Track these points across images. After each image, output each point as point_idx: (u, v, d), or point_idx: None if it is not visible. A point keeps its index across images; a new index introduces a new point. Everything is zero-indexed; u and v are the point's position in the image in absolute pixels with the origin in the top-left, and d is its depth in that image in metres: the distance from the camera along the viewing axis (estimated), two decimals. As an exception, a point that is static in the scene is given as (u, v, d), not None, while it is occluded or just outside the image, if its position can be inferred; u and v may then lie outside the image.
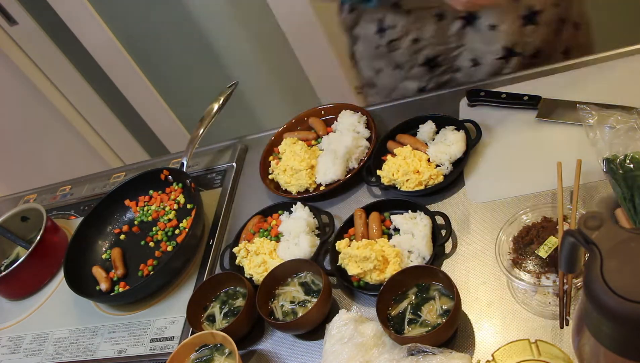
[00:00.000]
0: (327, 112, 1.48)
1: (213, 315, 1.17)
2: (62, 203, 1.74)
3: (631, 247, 0.60)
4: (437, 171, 1.19)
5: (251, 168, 1.51)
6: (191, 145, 1.50)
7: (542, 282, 0.93)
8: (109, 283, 1.36)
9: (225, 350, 1.08)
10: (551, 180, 1.06)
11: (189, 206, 1.45)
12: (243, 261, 1.23)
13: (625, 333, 0.59)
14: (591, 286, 0.59)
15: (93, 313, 1.36)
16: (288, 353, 1.09)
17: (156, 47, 2.80)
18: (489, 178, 1.17)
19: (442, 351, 0.90)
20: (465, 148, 1.20)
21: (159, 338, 1.23)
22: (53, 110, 2.98)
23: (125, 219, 1.52)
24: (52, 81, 2.93)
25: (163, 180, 1.51)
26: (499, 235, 1.01)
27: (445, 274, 0.97)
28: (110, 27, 2.68)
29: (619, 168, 0.97)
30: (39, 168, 3.09)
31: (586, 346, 0.69)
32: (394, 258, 1.08)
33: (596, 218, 0.62)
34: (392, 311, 1.01)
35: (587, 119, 1.06)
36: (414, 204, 1.16)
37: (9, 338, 1.42)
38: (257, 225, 1.30)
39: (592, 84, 1.21)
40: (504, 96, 1.26)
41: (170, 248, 1.38)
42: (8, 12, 2.68)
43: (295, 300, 1.11)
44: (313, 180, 1.33)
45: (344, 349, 0.96)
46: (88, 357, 1.28)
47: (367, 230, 1.16)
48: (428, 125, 1.27)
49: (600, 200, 1.02)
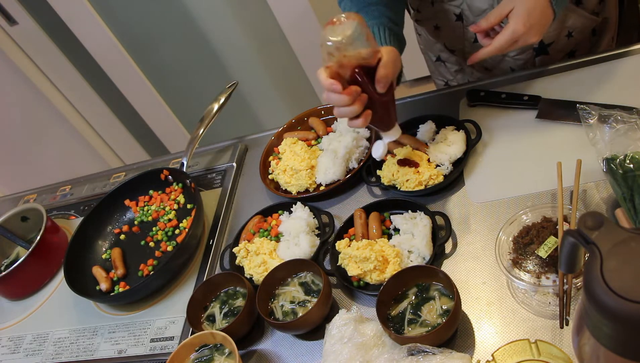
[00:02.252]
0: (327, 112, 1.48)
1: (213, 315, 1.17)
2: (62, 203, 1.74)
3: (631, 247, 0.60)
4: (437, 171, 1.19)
5: (251, 168, 1.51)
6: (191, 145, 1.50)
7: (542, 282, 0.94)
8: (109, 283, 1.36)
9: (225, 350, 1.08)
10: (551, 180, 1.06)
11: (189, 206, 1.45)
12: (243, 261, 1.23)
13: (625, 333, 0.59)
14: (591, 286, 0.59)
15: (93, 313, 1.36)
16: (288, 353, 1.09)
17: (156, 47, 2.80)
18: (489, 178, 1.17)
19: (442, 351, 0.90)
20: (465, 148, 1.20)
21: (159, 338, 1.23)
22: (53, 110, 2.98)
23: (125, 219, 1.52)
24: (52, 81, 2.93)
25: (163, 180, 1.51)
26: (499, 235, 1.01)
27: (445, 274, 0.97)
28: (110, 27, 2.68)
29: (619, 168, 0.97)
30: (39, 168, 3.09)
31: (586, 346, 0.69)
32: (394, 258, 1.08)
33: (596, 218, 0.62)
34: (392, 311, 1.01)
35: (587, 119, 1.06)
36: (414, 204, 1.16)
37: (9, 338, 1.42)
38: (257, 225, 1.30)
39: (592, 84, 1.21)
40: (504, 96, 1.26)
41: (170, 248, 1.38)
42: (8, 12, 2.68)
43: (295, 300, 1.11)
44: (313, 180, 1.33)
45: (344, 349, 0.96)
46: (88, 357, 1.28)
47: (367, 230, 1.16)
48: (428, 125, 1.27)
49: (600, 200, 1.02)
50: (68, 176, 1.88)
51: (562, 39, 1.32)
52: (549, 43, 1.33)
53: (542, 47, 1.33)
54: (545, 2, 1.05)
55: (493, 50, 1.08)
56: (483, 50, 1.10)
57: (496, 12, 1.08)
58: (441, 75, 1.58)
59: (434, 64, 1.57)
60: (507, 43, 1.06)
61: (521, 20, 1.04)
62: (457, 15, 1.33)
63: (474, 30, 1.12)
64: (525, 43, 1.07)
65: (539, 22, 1.05)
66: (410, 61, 3.11)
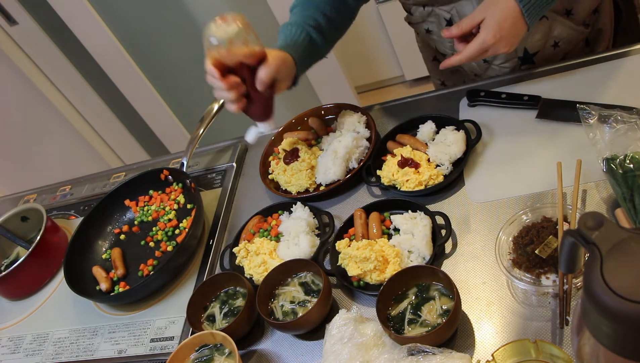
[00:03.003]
0: (327, 112, 1.48)
1: (213, 315, 1.17)
2: (62, 203, 1.74)
3: (631, 247, 0.60)
4: (437, 171, 1.19)
5: (251, 168, 1.51)
6: (191, 145, 1.50)
7: (542, 282, 0.93)
8: (109, 283, 1.36)
9: (225, 350, 1.08)
10: (551, 180, 1.06)
11: (189, 206, 1.45)
12: (243, 261, 1.23)
13: (625, 333, 0.59)
14: (591, 286, 0.59)
15: (93, 313, 1.36)
16: (288, 353, 1.09)
17: (156, 47, 2.80)
18: (489, 178, 1.17)
19: (442, 351, 0.90)
20: (465, 148, 1.20)
21: (159, 338, 1.23)
22: (53, 110, 2.98)
23: (125, 219, 1.52)
24: (52, 81, 2.93)
25: (163, 180, 1.51)
26: (499, 235, 1.01)
27: (445, 274, 0.97)
28: (110, 27, 2.68)
29: (619, 168, 0.97)
30: (39, 168, 3.09)
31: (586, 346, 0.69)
32: (394, 258, 1.08)
33: (596, 218, 0.62)
34: (392, 311, 1.01)
35: (587, 119, 1.06)
36: (414, 204, 1.16)
37: (9, 338, 1.42)
38: (257, 225, 1.30)
39: (592, 84, 1.21)
40: (504, 96, 1.26)
41: (170, 248, 1.38)
42: (8, 12, 2.68)
43: (295, 300, 1.11)
44: (313, 180, 1.33)
45: (344, 349, 0.96)
46: (88, 357, 1.28)
47: (367, 230, 1.16)
48: (428, 125, 1.27)
49: (600, 200, 1.02)
50: (68, 176, 1.88)
51: (548, 49, 1.32)
52: (534, 52, 1.33)
53: (527, 57, 1.34)
54: (517, 14, 1.06)
55: (463, 58, 1.11)
56: (454, 57, 1.13)
57: (468, 20, 1.10)
58: (438, 75, 1.58)
59: (431, 63, 1.57)
60: (477, 52, 1.08)
61: (491, 32, 1.06)
62: (448, 21, 1.33)
63: (445, 36, 1.14)
64: (495, 53, 1.09)
65: (510, 34, 1.07)
66: (410, 61, 3.12)
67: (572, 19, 1.29)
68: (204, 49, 1.12)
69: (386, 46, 3.13)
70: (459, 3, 1.28)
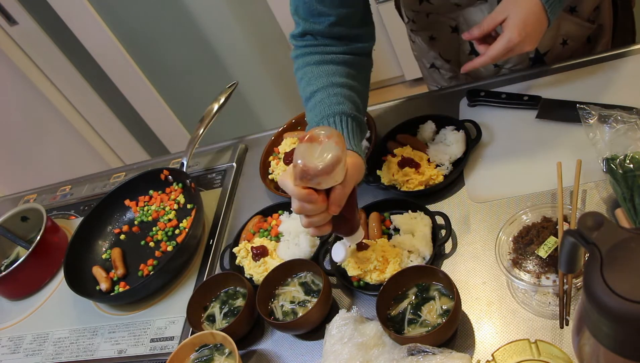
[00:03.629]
0: (327, 112, 1.48)
1: (213, 315, 1.17)
2: (62, 203, 1.74)
3: (631, 247, 0.60)
4: (437, 171, 1.19)
5: (251, 168, 1.51)
6: (191, 145, 1.50)
7: (542, 282, 0.93)
8: (109, 283, 1.36)
9: (225, 350, 1.08)
10: (551, 180, 1.06)
11: (189, 206, 1.45)
12: (243, 261, 1.23)
13: (625, 333, 0.59)
14: (591, 286, 0.59)
15: (93, 313, 1.36)
16: (288, 353, 1.09)
17: (156, 47, 2.80)
18: (489, 178, 1.17)
19: (442, 351, 0.90)
20: (465, 148, 1.20)
21: (159, 338, 1.23)
22: (53, 110, 2.98)
23: (125, 219, 1.52)
24: (52, 81, 2.93)
25: (163, 180, 1.51)
26: (499, 235, 1.01)
27: (445, 274, 0.97)
28: (110, 27, 2.68)
29: (619, 168, 0.97)
30: (39, 168, 3.09)
31: (586, 346, 0.69)
32: (394, 258, 1.08)
33: (596, 218, 0.62)
34: (392, 311, 1.01)
35: (587, 119, 1.06)
36: (414, 204, 1.16)
37: (9, 338, 1.42)
38: (257, 225, 1.30)
39: (592, 84, 1.21)
40: (504, 96, 1.26)
41: (170, 248, 1.38)
42: (8, 12, 2.68)
43: (295, 300, 1.11)
44: (313, 180, 1.33)
45: (344, 349, 0.96)
46: (88, 357, 1.28)
47: (367, 230, 1.16)
48: (428, 125, 1.27)
49: (600, 200, 1.02)
50: (68, 176, 1.88)
51: (557, 47, 1.32)
52: (544, 52, 1.32)
53: (539, 57, 1.33)
54: (539, 10, 1.03)
55: (487, 59, 1.07)
56: (477, 59, 1.09)
57: (489, 19, 1.07)
58: (435, 81, 1.57)
59: (428, 70, 1.55)
60: (502, 52, 1.05)
61: (516, 30, 1.02)
62: (453, 28, 1.33)
63: (466, 38, 1.11)
64: (521, 52, 1.06)
65: (535, 31, 1.04)
66: (410, 61, 3.11)
67: (577, 15, 1.28)
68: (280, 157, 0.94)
69: (386, 46, 3.13)
70: (466, 10, 1.28)
